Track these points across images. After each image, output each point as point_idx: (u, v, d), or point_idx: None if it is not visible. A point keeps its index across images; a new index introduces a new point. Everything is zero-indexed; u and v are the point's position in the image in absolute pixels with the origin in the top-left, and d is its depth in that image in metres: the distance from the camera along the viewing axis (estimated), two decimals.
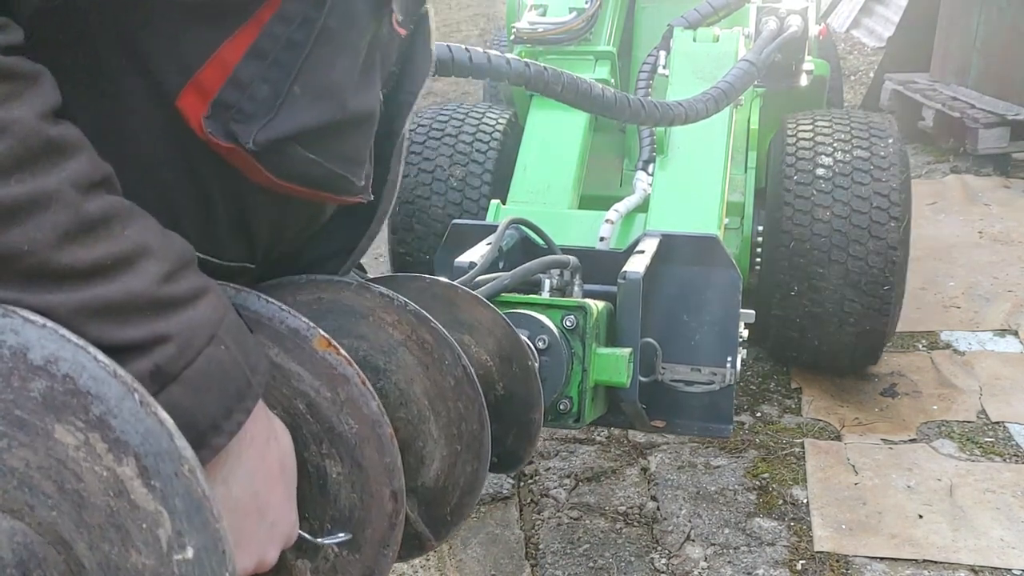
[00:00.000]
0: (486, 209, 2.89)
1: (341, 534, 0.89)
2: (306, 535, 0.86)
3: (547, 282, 1.74)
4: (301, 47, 0.74)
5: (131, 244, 0.66)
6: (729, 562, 2.54)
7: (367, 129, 0.85)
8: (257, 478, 0.75)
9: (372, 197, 0.93)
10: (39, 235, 0.60)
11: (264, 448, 0.76)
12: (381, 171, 0.97)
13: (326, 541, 0.89)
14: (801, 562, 2.52)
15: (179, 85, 0.73)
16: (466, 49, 1.52)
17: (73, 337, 0.57)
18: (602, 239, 2.41)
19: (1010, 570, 2.45)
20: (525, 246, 1.98)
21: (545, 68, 1.62)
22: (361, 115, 0.83)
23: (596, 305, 1.67)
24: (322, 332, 0.85)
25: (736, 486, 2.86)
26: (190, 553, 0.59)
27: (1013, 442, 2.99)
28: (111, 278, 0.64)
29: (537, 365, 1.51)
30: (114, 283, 0.64)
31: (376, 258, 4.56)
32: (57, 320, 0.61)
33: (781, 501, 2.78)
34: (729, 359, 1.91)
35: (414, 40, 0.95)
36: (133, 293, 0.64)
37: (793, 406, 3.29)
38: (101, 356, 0.57)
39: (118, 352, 0.62)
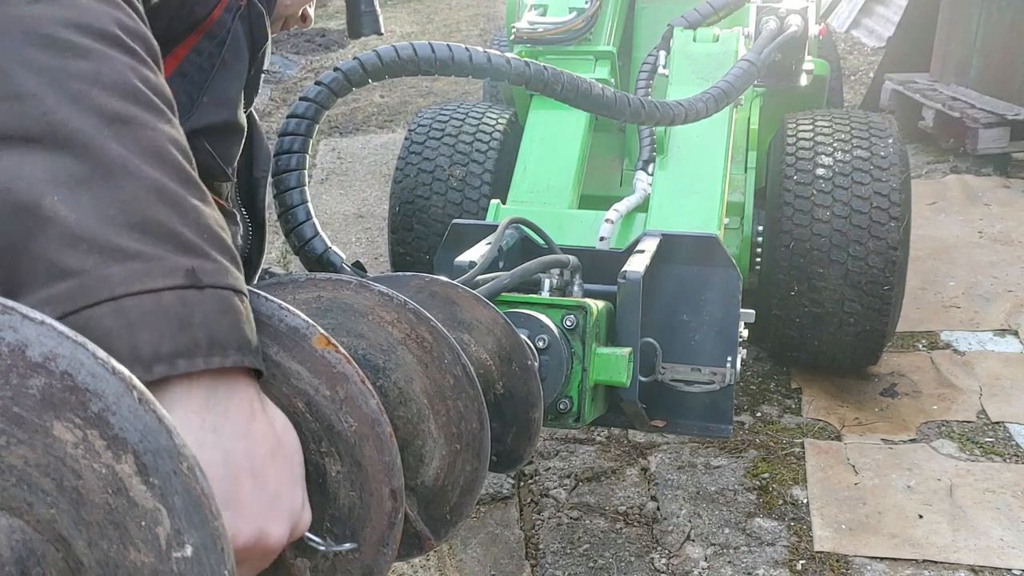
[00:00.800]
0: (486, 209, 2.89)
1: (348, 544, 0.88)
2: (313, 537, 0.85)
3: (547, 282, 1.74)
4: (208, 71, 1.10)
5: (206, 191, 0.80)
6: (729, 562, 2.54)
7: (240, 138, 1.20)
8: (250, 440, 0.76)
9: (234, 208, 1.25)
10: (167, 126, 0.78)
11: (259, 416, 0.77)
12: (257, 241, 1.33)
13: (333, 548, 0.88)
14: (801, 562, 2.52)
15: None
16: (466, 49, 1.51)
17: (71, 334, 0.57)
18: (602, 239, 2.41)
19: (1010, 570, 2.44)
20: (525, 246, 1.98)
21: (545, 68, 1.62)
22: (241, 124, 1.18)
23: (596, 305, 1.67)
24: (321, 330, 0.85)
25: (736, 486, 2.86)
26: (189, 551, 0.59)
27: (1013, 442, 2.99)
28: (193, 194, 0.76)
29: (537, 364, 1.51)
30: (198, 201, 0.76)
31: (376, 258, 4.56)
32: (135, 188, 0.71)
33: (781, 501, 2.78)
34: (729, 359, 1.91)
35: (254, 129, 1.33)
36: (199, 211, 0.76)
37: (793, 406, 3.29)
38: (100, 352, 0.57)
39: (167, 240, 0.72)
